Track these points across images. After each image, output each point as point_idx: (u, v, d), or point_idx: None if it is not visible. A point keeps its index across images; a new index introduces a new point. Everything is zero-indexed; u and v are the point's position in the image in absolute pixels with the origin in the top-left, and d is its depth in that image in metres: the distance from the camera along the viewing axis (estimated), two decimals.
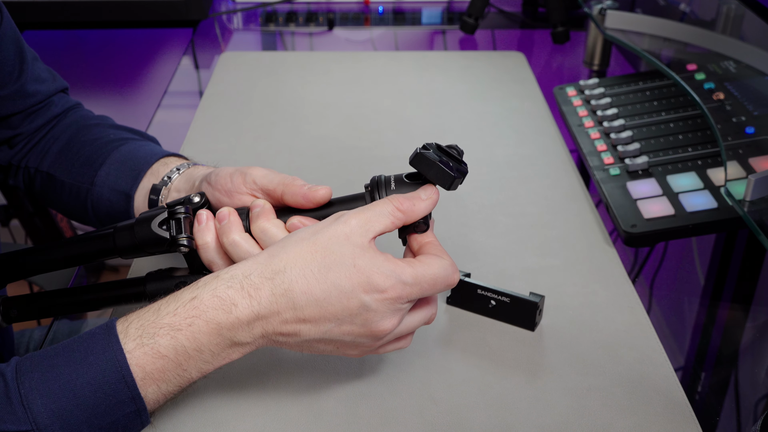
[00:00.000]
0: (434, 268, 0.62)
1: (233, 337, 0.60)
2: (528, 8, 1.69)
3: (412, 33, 1.60)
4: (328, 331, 0.61)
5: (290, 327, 0.61)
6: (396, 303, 0.61)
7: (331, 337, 0.62)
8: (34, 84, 0.88)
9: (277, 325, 0.60)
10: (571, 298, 0.82)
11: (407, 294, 0.61)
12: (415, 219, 0.64)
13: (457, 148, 0.66)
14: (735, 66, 1.07)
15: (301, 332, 0.61)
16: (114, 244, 0.70)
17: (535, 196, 0.99)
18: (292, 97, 1.24)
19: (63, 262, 0.74)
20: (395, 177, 0.66)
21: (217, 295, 0.60)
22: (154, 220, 0.68)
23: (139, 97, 1.57)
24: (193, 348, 0.59)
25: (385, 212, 0.63)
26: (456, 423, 0.67)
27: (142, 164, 0.83)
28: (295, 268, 0.60)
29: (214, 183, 0.72)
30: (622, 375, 0.73)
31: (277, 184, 0.69)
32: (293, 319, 0.60)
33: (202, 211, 0.69)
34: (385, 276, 0.60)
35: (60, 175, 0.87)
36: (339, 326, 0.61)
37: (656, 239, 0.90)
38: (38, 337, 1.04)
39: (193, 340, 0.59)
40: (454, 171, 0.63)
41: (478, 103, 1.23)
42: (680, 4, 1.28)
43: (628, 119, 1.07)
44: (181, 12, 1.55)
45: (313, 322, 0.61)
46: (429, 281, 0.62)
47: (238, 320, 0.59)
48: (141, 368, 0.58)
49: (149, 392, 0.59)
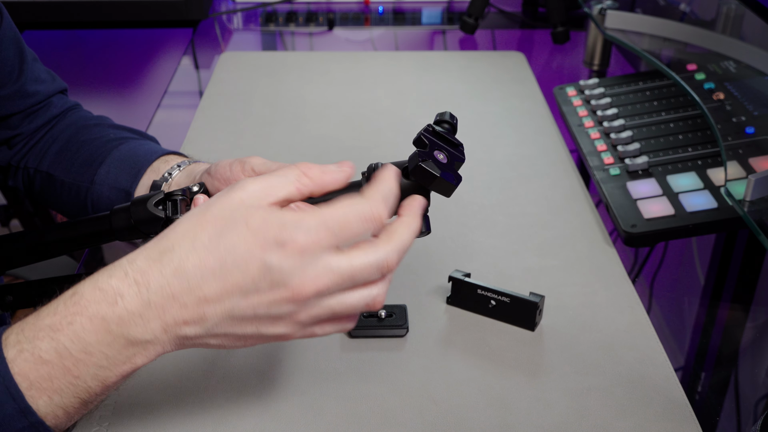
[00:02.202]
0: (343, 207, 0.54)
1: (126, 334, 0.52)
2: (528, 8, 1.69)
3: (412, 33, 1.60)
4: (236, 307, 0.53)
5: (191, 311, 0.52)
6: (305, 255, 0.52)
7: (242, 314, 0.53)
8: (33, 84, 0.88)
9: (176, 312, 0.52)
10: (571, 298, 0.82)
11: (314, 241, 0.52)
12: (324, 190, 0.57)
13: (450, 121, 0.65)
14: (735, 66, 1.07)
15: (206, 315, 0.53)
16: (110, 225, 0.69)
17: (535, 196, 0.99)
18: (292, 97, 1.24)
19: (59, 245, 0.73)
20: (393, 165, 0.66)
21: (99, 287, 0.53)
22: (150, 200, 0.68)
23: (139, 97, 1.56)
24: (78, 349, 0.52)
25: (291, 177, 0.55)
26: (456, 423, 0.67)
27: (143, 162, 0.83)
28: (185, 243, 0.52)
29: (214, 173, 0.72)
30: (622, 375, 0.72)
31: None
32: (193, 301, 0.52)
33: (199, 195, 0.69)
34: (282, 226, 0.52)
35: (59, 174, 0.87)
36: (245, 297, 0.52)
37: (656, 239, 0.90)
38: None
39: (78, 341, 0.52)
40: (454, 180, 0.63)
41: (478, 103, 1.23)
42: (680, 4, 1.28)
43: (628, 119, 1.07)
44: (181, 12, 1.55)
45: (216, 300, 0.52)
46: (338, 221, 0.53)
47: (126, 312, 0.52)
48: (24, 377, 0.52)
49: (40, 405, 0.53)
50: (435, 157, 0.63)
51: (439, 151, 0.64)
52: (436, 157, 0.63)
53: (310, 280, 0.52)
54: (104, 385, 0.54)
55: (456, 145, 0.65)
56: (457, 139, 0.66)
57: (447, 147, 0.64)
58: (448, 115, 0.66)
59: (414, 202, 0.59)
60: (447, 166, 0.63)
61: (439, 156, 0.63)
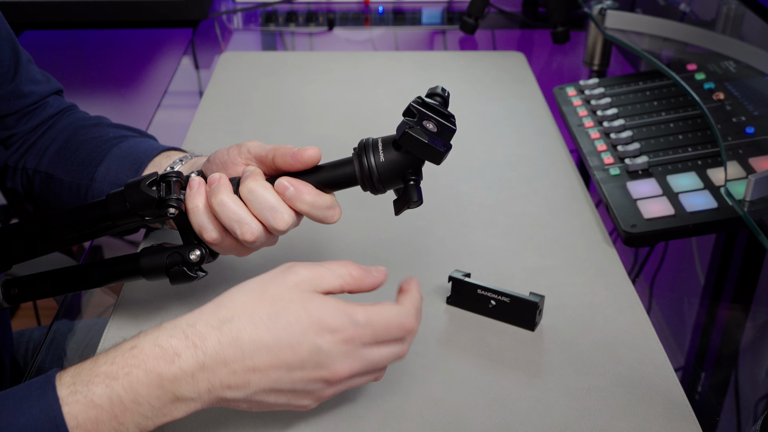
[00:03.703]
0: (388, 311, 0.60)
1: (176, 391, 0.56)
2: (528, 8, 1.69)
3: (412, 33, 1.60)
4: (279, 380, 0.58)
5: (239, 378, 0.57)
6: (349, 344, 0.58)
7: (282, 387, 0.59)
8: (28, 85, 0.88)
9: (224, 377, 0.57)
10: (571, 298, 0.82)
11: (359, 335, 0.59)
12: (363, 289, 0.62)
13: (442, 94, 0.66)
14: (735, 66, 1.07)
15: (250, 383, 0.58)
16: (106, 210, 0.69)
17: (535, 196, 0.99)
18: (292, 97, 1.24)
19: (58, 234, 0.73)
20: (382, 139, 0.66)
21: (159, 344, 0.57)
22: (144, 181, 0.68)
23: (139, 97, 1.57)
24: (130, 399, 0.56)
25: (339, 274, 0.61)
26: (456, 423, 0.67)
27: (143, 158, 0.83)
28: (244, 316, 0.58)
29: (212, 158, 0.73)
30: (622, 375, 0.72)
31: (268, 150, 0.69)
32: (242, 369, 0.57)
33: (195, 177, 0.69)
34: (337, 315, 0.58)
35: (59, 173, 0.87)
36: (290, 373, 0.58)
37: (656, 239, 0.90)
38: (38, 337, 1.04)
39: (131, 391, 0.56)
40: (443, 146, 0.63)
41: (478, 103, 1.23)
42: (680, 4, 1.28)
43: (628, 119, 1.07)
44: (181, 12, 1.55)
45: (263, 371, 0.58)
46: (382, 324, 0.60)
47: (181, 371, 0.56)
48: (73, 417, 0.55)
49: None
50: (424, 125, 0.63)
51: (428, 120, 0.64)
52: (425, 126, 0.64)
53: (348, 366, 0.59)
54: (140, 430, 0.58)
55: (447, 116, 0.65)
56: (448, 111, 0.65)
57: (437, 117, 0.64)
58: (439, 89, 0.66)
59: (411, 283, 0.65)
60: (436, 134, 0.64)
61: (428, 125, 0.64)
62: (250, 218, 0.66)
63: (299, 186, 0.66)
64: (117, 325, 0.79)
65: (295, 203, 0.66)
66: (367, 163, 0.65)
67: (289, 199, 0.66)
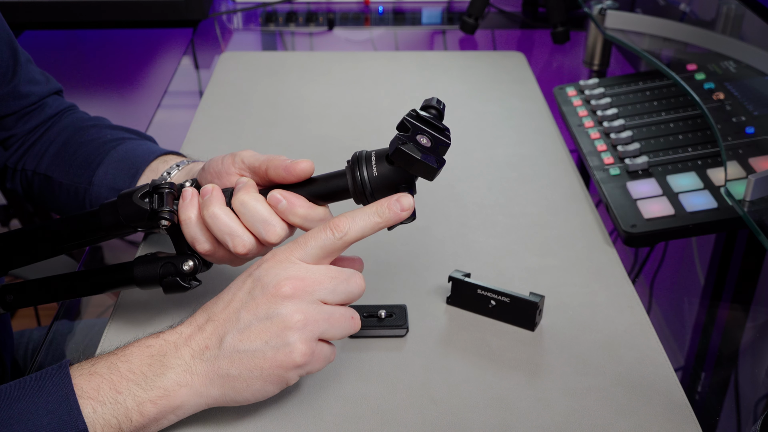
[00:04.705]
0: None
1: (163, 359, 0.62)
2: (528, 8, 1.69)
3: (412, 33, 1.60)
4: (239, 316, 0.63)
5: (208, 334, 0.63)
6: (284, 262, 0.63)
7: (242, 323, 0.62)
8: (27, 85, 0.88)
9: (200, 340, 0.63)
10: (571, 298, 0.82)
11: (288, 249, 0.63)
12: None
13: (437, 106, 0.65)
14: (735, 66, 1.07)
15: (217, 331, 0.63)
16: (99, 221, 0.70)
17: (535, 196, 0.99)
18: (292, 97, 1.24)
19: (50, 244, 0.74)
20: (376, 152, 0.65)
21: (149, 336, 0.65)
22: (136, 193, 0.68)
23: (139, 97, 1.57)
24: (126, 369, 0.61)
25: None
26: (456, 423, 0.67)
27: (141, 162, 0.83)
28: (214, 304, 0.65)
29: (207, 167, 0.73)
30: (622, 375, 0.72)
31: (262, 161, 0.69)
32: (210, 327, 0.63)
33: (188, 189, 0.69)
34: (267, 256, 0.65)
35: (57, 176, 0.87)
36: (245, 307, 0.63)
37: (656, 239, 0.90)
38: (37, 338, 1.04)
39: (126, 361, 0.62)
40: (436, 163, 0.62)
41: (478, 103, 1.23)
42: (680, 4, 1.28)
43: (628, 119, 1.07)
44: (181, 12, 1.55)
45: (222, 311, 0.63)
46: (309, 234, 0.64)
47: (165, 342, 0.63)
48: (78, 387, 0.60)
49: (86, 413, 0.60)
50: (417, 140, 0.63)
51: (422, 135, 0.63)
52: (419, 141, 0.63)
53: (289, 285, 0.62)
54: (140, 413, 0.61)
55: (441, 129, 0.64)
56: (443, 124, 0.65)
57: (431, 131, 0.64)
58: (434, 101, 0.66)
59: None
60: (430, 149, 0.63)
61: (422, 140, 0.63)
62: (242, 231, 0.67)
63: (292, 199, 0.66)
64: (117, 326, 0.78)
65: (288, 216, 0.66)
66: (360, 177, 0.65)
67: (282, 212, 0.66)
